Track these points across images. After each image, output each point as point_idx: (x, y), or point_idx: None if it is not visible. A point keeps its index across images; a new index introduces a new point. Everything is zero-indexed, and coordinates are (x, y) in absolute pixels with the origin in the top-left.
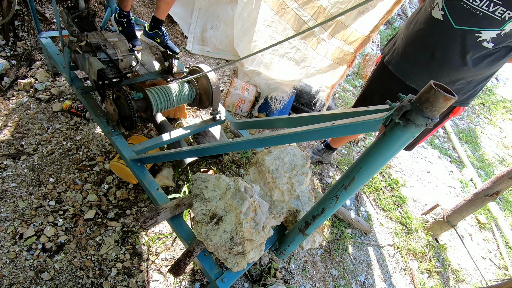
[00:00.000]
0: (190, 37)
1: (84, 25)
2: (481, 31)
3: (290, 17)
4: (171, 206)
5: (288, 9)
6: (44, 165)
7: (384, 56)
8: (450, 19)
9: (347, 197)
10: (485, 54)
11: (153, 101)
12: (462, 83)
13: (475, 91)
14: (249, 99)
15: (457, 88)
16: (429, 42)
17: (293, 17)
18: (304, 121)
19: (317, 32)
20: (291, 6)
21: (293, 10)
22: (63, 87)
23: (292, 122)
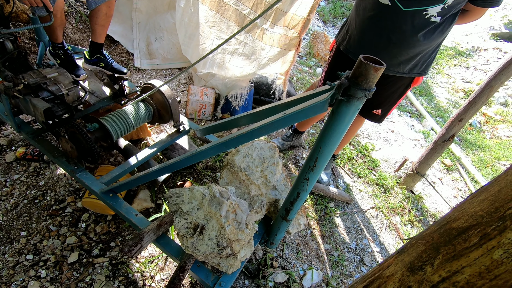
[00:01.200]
0: (136, 53)
1: (18, 66)
2: (427, 9)
3: (231, 13)
4: (153, 228)
5: (227, 6)
6: (11, 220)
7: (339, 44)
8: (397, 3)
9: (315, 177)
10: (435, 26)
11: (110, 128)
12: (420, 56)
13: (431, 59)
14: (210, 103)
15: (416, 61)
16: (383, 27)
17: (234, 13)
18: (264, 114)
19: (260, 23)
20: (229, 2)
21: (232, 6)
22: (11, 135)
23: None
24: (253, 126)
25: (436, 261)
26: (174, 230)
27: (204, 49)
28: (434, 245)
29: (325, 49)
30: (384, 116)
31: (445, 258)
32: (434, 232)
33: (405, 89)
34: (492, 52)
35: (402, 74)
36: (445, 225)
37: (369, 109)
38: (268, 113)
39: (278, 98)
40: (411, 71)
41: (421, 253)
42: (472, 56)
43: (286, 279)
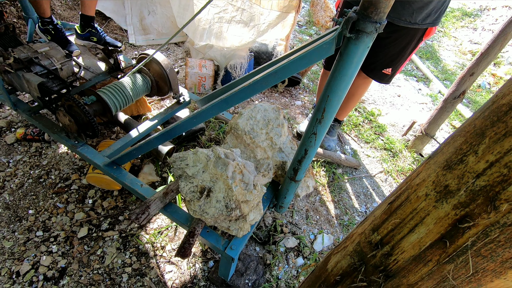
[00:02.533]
0: (130, 29)
1: (7, 41)
2: None
3: None
4: (159, 196)
5: None
6: (18, 200)
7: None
8: None
9: (324, 130)
10: None
11: (108, 100)
12: (433, 3)
13: (444, 7)
14: (209, 75)
15: (430, 10)
16: None
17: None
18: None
19: None
20: None
21: None
22: (10, 116)
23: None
24: (256, 77)
25: (481, 147)
26: (181, 196)
27: (200, 20)
28: (477, 131)
29: (325, 16)
30: (394, 75)
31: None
32: (476, 120)
33: (417, 42)
34: (501, 10)
35: (414, 25)
36: (491, 105)
37: (379, 69)
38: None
39: None
40: (424, 21)
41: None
42: (480, 16)
43: (297, 243)
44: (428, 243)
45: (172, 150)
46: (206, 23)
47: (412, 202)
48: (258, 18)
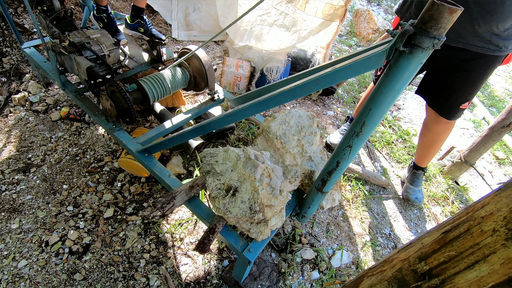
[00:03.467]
0: (174, 24)
1: (64, 25)
2: None
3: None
4: (185, 189)
5: None
6: (55, 174)
7: (402, 16)
8: None
9: (360, 144)
10: None
11: (148, 90)
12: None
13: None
14: (245, 75)
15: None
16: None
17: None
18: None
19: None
20: None
21: None
22: (57, 95)
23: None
24: (296, 83)
25: None
26: (207, 191)
27: (242, 20)
28: None
29: (368, 27)
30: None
31: None
32: None
33: (494, 68)
34: None
35: (496, 52)
36: None
37: (456, 106)
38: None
39: None
40: (507, 47)
41: None
42: None
43: (314, 256)
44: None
45: (201, 145)
46: (248, 24)
47: (474, 236)
48: (301, 24)
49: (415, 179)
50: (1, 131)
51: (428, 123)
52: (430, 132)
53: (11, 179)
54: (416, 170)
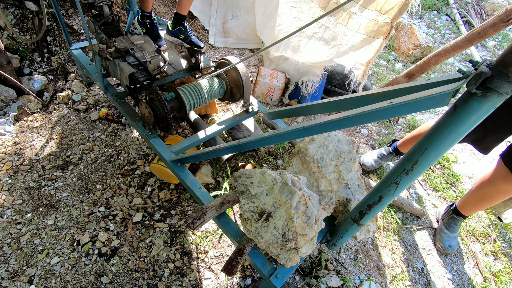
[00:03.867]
0: (212, 30)
1: (111, 31)
2: None
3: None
4: (216, 205)
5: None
6: (90, 173)
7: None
8: None
9: (408, 182)
10: None
11: (185, 99)
12: None
13: None
14: (279, 87)
15: None
16: None
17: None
18: (344, 104)
19: (347, 6)
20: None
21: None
22: (97, 95)
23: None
24: (345, 114)
25: None
26: (232, 210)
27: (280, 31)
28: None
29: (409, 42)
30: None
31: None
32: None
33: None
34: None
35: None
36: None
37: None
38: (351, 104)
39: (353, 91)
40: None
41: None
42: None
43: (340, 284)
44: None
45: (232, 157)
46: (285, 34)
47: None
48: (341, 38)
49: (452, 224)
50: (45, 127)
51: (494, 179)
52: (493, 188)
53: (50, 175)
54: (456, 216)
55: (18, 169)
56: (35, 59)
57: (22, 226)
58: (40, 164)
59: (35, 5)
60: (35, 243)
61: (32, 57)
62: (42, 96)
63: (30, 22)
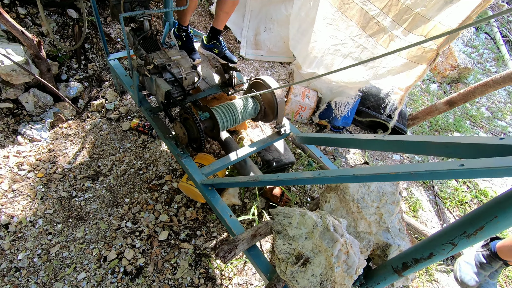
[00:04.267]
0: (243, 41)
1: (149, 45)
2: None
3: (355, 12)
4: (247, 237)
5: (352, 4)
6: (119, 186)
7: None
8: None
9: (467, 246)
10: None
11: (219, 120)
12: None
13: None
14: (310, 106)
15: None
16: None
17: (358, 12)
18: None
19: (390, 28)
20: (356, 0)
21: (358, 4)
22: (129, 105)
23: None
24: (405, 169)
25: None
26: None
27: (314, 48)
28: None
29: (446, 63)
30: None
31: None
32: None
33: None
34: None
35: None
36: None
37: None
38: (400, 147)
39: (388, 115)
40: None
41: None
42: None
43: None
44: None
45: None
46: (319, 52)
47: None
48: (380, 60)
49: (494, 272)
50: (78, 135)
51: None
52: None
53: (81, 186)
54: (503, 262)
55: (51, 178)
56: (72, 65)
57: (53, 237)
58: (72, 174)
59: (76, 13)
60: (64, 256)
61: (70, 63)
62: (77, 103)
63: (71, 30)
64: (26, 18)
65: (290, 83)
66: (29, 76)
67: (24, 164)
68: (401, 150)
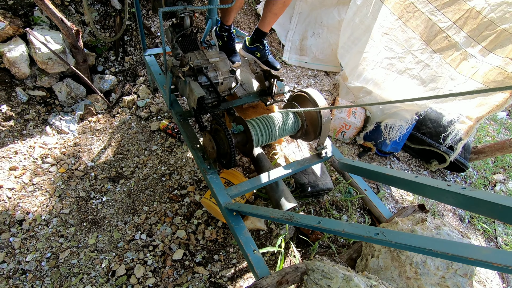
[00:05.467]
0: (287, 45)
1: (187, 44)
2: None
3: (419, 23)
4: (272, 284)
5: (417, 13)
6: (139, 191)
7: None
8: None
9: None
10: None
11: (254, 135)
12: None
13: None
14: (356, 125)
15: None
16: None
17: (424, 23)
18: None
19: (463, 45)
20: (423, 9)
21: (425, 14)
22: (161, 104)
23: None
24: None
25: None
26: None
27: (365, 59)
28: None
29: None
30: None
31: None
32: None
33: None
34: None
35: None
36: None
37: None
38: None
39: (449, 146)
40: None
41: None
42: None
43: None
44: None
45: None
46: (370, 64)
47: None
48: (445, 82)
49: None
50: (105, 131)
51: None
52: None
53: (101, 187)
54: None
55: (72, 174)
56: (109, 57)
57: (64, 240)
58: (94, 172)
59: (119, 3)
60: (72, 263)
61: (107, 55)
62: (109, 97)
63: (112, 20)
64: (70, 6)
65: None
66: (64, 66)
67: (48, 157)
68: (491, 215)
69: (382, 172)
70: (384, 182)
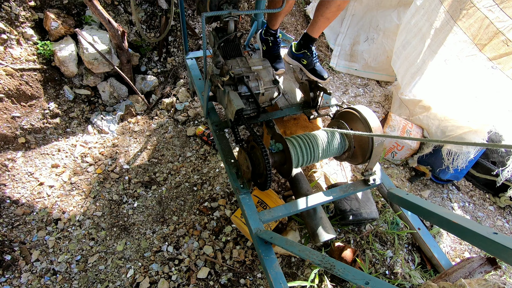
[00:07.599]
0: (336, 50)
1: (230, 49)
2: None
3: (472, 22)
4: None
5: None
6: (170, 199)
7: None
8: None
9: None
10: None
11: (293, 155)
12: None
13: None
14: (410, 147)
15: None
16: None
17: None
18: None
19: None
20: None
21: (480, 10)
22: (199, 108)
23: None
24: None
25: None
26: None
27: (412, 64)
28: None
29: None
30: None
31: None
32: None
33: None
34: None
35: None
36: None
37: None
38: None
39: None
40: None
41: None
42: None
43: None
44: None
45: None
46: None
47: None
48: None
49: None
50: (143, 134)
51: None
52: None
53: (133, 191)
54: None
55: (108, 176)
56: (153, 58)
57: (94, 244)
58: (128, 176)
59: (166, 4)
60: (100, 269)
61: (151, 55)
62: (150, 98)
63: (158, 20)
64: (119, 5)
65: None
66: (109, 66)
67: (88, 156)
68: None
69: (446, 217)
70: (448, 230)
